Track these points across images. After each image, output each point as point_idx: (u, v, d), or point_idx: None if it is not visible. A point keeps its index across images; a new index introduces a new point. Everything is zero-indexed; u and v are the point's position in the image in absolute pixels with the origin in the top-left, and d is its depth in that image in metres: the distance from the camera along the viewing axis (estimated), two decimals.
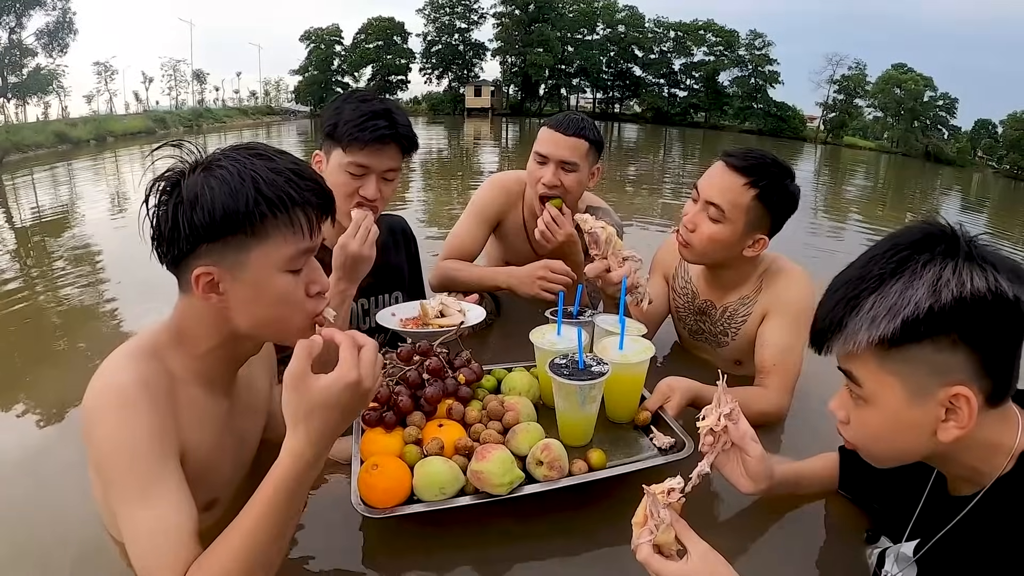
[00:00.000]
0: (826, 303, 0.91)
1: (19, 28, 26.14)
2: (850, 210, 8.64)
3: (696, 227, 1.75)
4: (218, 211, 0.95)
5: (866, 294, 0.85)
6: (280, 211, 0.99)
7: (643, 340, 1.53)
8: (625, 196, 7.65)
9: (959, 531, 0.95)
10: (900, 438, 0.90)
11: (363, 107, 1.61)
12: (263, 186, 0.97)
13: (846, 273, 0.90)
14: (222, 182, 0.96)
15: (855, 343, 0.85)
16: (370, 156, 1.62)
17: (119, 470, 0.96)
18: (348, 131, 1.59)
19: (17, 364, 2.27)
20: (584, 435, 1.41)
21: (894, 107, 49.87)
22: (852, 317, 0.85)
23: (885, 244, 0.87)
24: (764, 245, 1.76)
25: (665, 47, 60.45)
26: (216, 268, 0.99)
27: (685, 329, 2.09)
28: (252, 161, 0.99)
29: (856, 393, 0.91)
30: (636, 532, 0.95)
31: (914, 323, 0.80)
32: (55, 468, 1.52)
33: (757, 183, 1.68)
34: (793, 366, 1.74)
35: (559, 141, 2.06)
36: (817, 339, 0.93)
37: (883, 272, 0.84)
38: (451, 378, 1.44)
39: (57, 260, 3.88)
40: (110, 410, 0.97)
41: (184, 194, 0.96)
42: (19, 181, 9.08)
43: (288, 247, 1.01)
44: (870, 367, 0.86)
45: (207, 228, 0.96)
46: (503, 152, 16.33)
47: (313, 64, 59.04)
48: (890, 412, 0.88)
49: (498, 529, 1.26)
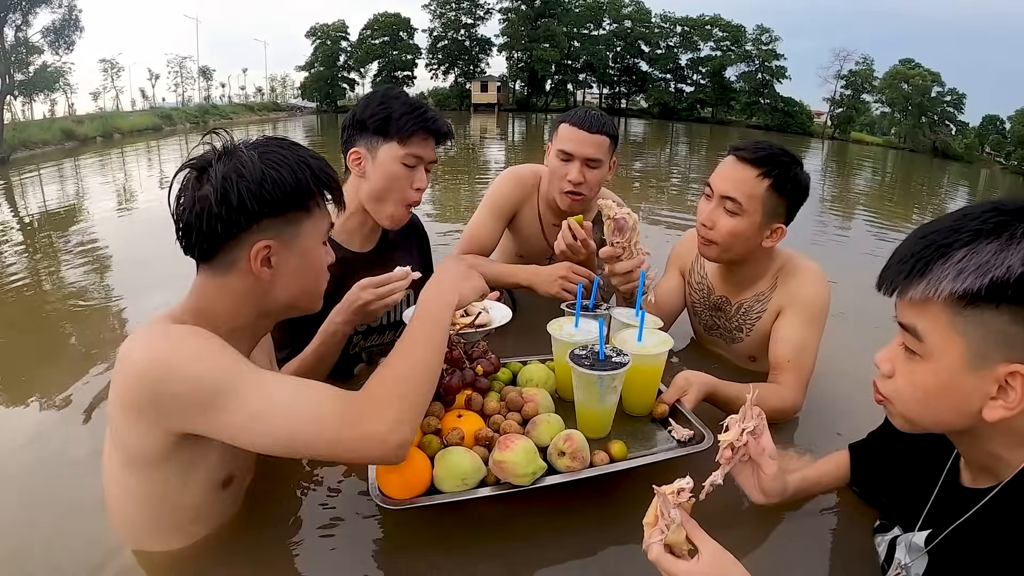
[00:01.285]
0: (911, 245, 0.89)
1: (25, 26, 26.14)
2: (857, 205, 8.60)
3: (714, 224, 1.74)
4: (289, 186, 1.07)
5: (958, 246, 0.83)
6: (326, 189, 1.15)
7: (661, 332, 1.53)
8: (632, 192, 7.64)
9: (973, 523, 0.94)
10: (944, 403, 0.89)
11: (410, 102, 1.67)
12: (314, 169, 1.12)
13: (936, 223, 0.88)
14: (283, 162, 1.08)
15: (936, 290, 0.83)
16: (425, 147, 1.69)
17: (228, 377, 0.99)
18: (409, 123, 1.63)
19: (24, 358, 2.28)
20: (603, 427, 1.41)
21: (901, 102, 49.51)
22: (939, 264, 0.84)
23: (984, 205, 0.85)
24: (782, 234, 1.76)
25: (672, 42, 60.14)
26: (275, 241, 1.08)
27: (700, 324, 2.09)
28: (294, 149, 1.13)
29: (913, 348, 0.89)
30: (647, 532, 0.95)
31: (1002, 286, 0.79)
32: (62, 463, 1.53)
33: (770, 173, 1.68)
34: (808, 363, 1.74)
35: (584, 139, 2.05)
36: (891, 276, 0.90)
37: (979, 229, 0.82)
38: (469, 369, 1.43)
39: (64, 255, 3.90)
40: (186, 340, 1.01)
41: (245, 172, 1.04)
42: (26, 178, 9.11)
43: (325, 220, 1.18)
44: (939, 322, 0.85)
45: (276, 202, 1.06)
46: (510, 147, 16.34)
47: (319, 60, 58.96)
48: (945, 373, 0.86)
49: (519, 520, 1.26)
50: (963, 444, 0.99)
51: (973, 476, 1.00)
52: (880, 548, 1.17)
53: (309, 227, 1.13)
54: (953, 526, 0.97)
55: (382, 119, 1.64)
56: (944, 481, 1.06)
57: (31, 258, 3.92)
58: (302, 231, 1.12)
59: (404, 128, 1.63)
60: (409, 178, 1.69)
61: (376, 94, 1.71)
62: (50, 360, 2.26)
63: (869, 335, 1.81)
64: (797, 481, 1.29)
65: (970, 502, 0.95)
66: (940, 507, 1.04)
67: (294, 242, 1.12)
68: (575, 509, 1.30)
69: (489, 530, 1.25)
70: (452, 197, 6.74)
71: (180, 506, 1.12)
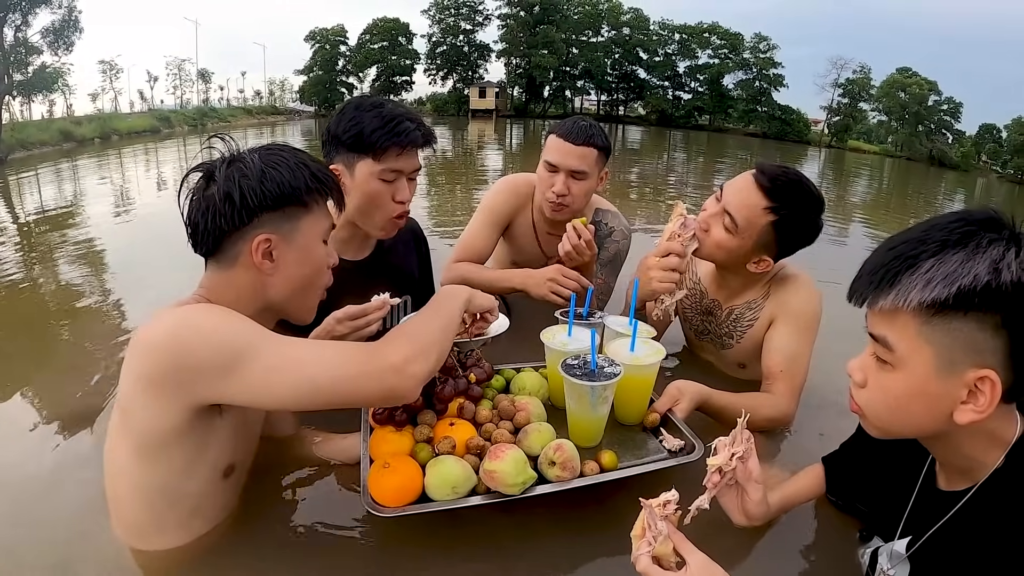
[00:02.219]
0: (880, 257, 0.90)
1: (25, 26, 26.13)
2: (854, 214, 8.62)
3: (709, 228, 1.75)
4: (286, 183, 1.15)
5: (925, 256, 0.85)
6: (324, 189, 1.21)
7: (653, 342, 1.54)
8: (629, 201, 7.64)
9: (952, 526, 0.95)
10: (916, 409, 0.90)
11: (383, 112, 1.59)
12: (313, 169, 1.20)
13: (904, 234, 0.90)
14: (283, 162, 1.17)
15: (905, 300, 0.85)
16: (403, 160, 1.62)
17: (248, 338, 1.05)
18: (380, 139, 1.57)
19: (21, 359, 2.27)
20: (595, 436, 1.41)
21: (898, 111, 49.69)
22: (907, 274, 0.85)
23: (950, 216, 0.87)
24: (768, 267, 1.75)
25: (670, 49, 60.35)
26: (275, 235, 1.15)
27: (691, 329, 2.10)
28: (293, 152, 1.21)
29: (883, 357, 0.91)
30: (635, 544, 0.96)
31: (968, 294, 0.81)
32: (61, 464, 1.52)
33: (778, 211, 1.66)
34: (800, 373, 1.75)
35: (569, 151, 2.05)
36: (860, 288, 0.92)
37: (946, 240, 0.84)
38: (462, 377, 1.44)
39: (61, 256, 3.89)
40: (205, 311, 1.08)
41: (247, 171, 1.13)
42: (24, 178, 9.09)
43: (325, 219, 1.24)
44: (908, 331, 0.86)
45: (275, 197, 1.14)
46: (507, 154, 16.35)
47: (318, 64, 59.10)
48: (916, 380, 0.88)
49: (509, 529, 1.27)
50: (937, 448, 1.01)
51: (949, 479, 1.02)
52: (863, 558, 1.18)
53: (308, 223, 1.20)
54: (932, 530, 0.98)
55: (355, 135, 1.59)
56: (921, 486, 1.07)
57: (28, 259, 3.91)
58: (300, 226, 1.19)
59: (377, 144, 1.57)
60: (389, 192, 1.64)
61: (348, 106, 1.65)
62: (47, 360, 2.25)
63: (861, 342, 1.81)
64: (777, 500, 1.30)
65: (947, 505, 0.96)
66: (918, 513, 1.05)
67: (293, 236, 1.18)
68: (565, 518, 1.30)
69: (479, 539, 1.25)
70: (448, 204, 6.74)
71: (183, 496, 1.15)
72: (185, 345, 1.01)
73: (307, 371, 1.05)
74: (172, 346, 1.01)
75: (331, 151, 1.65)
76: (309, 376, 1.05)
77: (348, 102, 1.68)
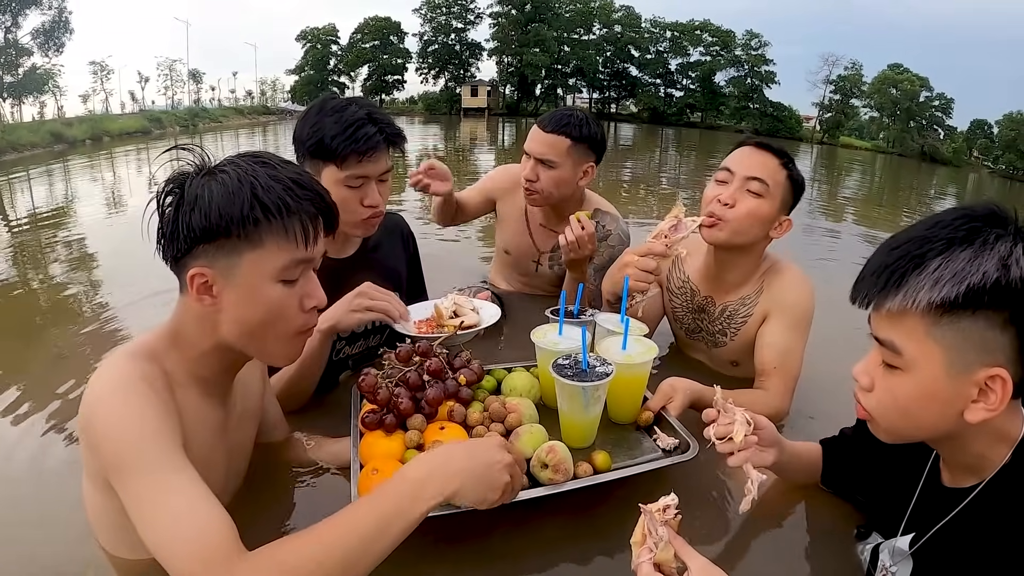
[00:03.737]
0: (884, 258, 0.88)
1: (15, 27, 26.06)
2: (846, 210, 8.64)
3: (735, 203, 1.71)
4: (214, 213, 0.97)
5: (932, 255, 0.83)
6: (274, 218, 1.00)
7: (646, 340, 1.51)
8: (621, 198, 7.63)
9: (957, 523, 0.94)
10: (926, 411, 0.89)
11: (344, 116, 1.54)
12: (260, 192, 0.99)
13: (906, 233, 0.88)
14: (222, 185, 0.98)
15: (914, 301, 0.82)
16: (367, 165, 1.56)
17: (136, 453, 0.92)
18: (339, 145, 1.52)
19: (7, 361, 2.23)
20: (587, 437, 1.39)
21: (890, 107, 50.03)
22: (915, 274, 0.83)
23: (954, 212, 0.86)
24: (789, 226, 1.77)
25: (661, 47, 60.58)
26: (210, 270, 1.00)
27: (682, 329, 2.08)
28: (254, 168, 1.01)
29: (891, 361, 0.89)
30: (635, 551, 0.94)
31: (978, 292, 0.79)
32: (47, 468, 1.50)
33: (787, 164, 1.73)
34: (794, 369, 1.74)
35: (537, 137, 2.11)
36: (865, 289, 0.90)
37: (952, 237, 0.82)
38: (452, 379, 1.41)
39: (51, 258, 3.86)
40: (115, 396, 0.96)
41: (186, 196, 0.99)
42: (14, 180, 9.02)
43: (282, 256, 1.02)
44: (916, 333, 0.84)
45: (203, 230, 0.98)
46: (499, 152, 16.33)
47: (309, 64, 59.09)
48: (925, 383, 0.86)
49: (501, 533, 1.24)
50: (944, 447, 0.99)
51: (954, 476, 1.00)
52: (863, 556, 1.17)
53: (253, 260, 1.01)
54: (937, 527, 0.97)
55: (316, 143, 1.53)
56: (924, 483, 1.06)
57: (17, 260, 3.88)
58: (241, 263, 1.01)
59: (338, 152, 1.52)
60: (357, 197, 1.59)
61: (311, 110, 1.60)
62: (35, 363, 2.22)
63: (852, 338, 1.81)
64: (788, 448, 1.30)
65: (952, 502, 0.95)
66: (922, 509, 1.04)
67: (232, 273, 1.01)
68: (559, 521, 1.28)
69: (471, 544, 1.22)
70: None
71: None
72: (86, 425, 0.97)
73: (156, 538, 0.89)
74: (82, 415, 0.97)
75: (299, 156, 1.61)
76: (153, 544, 0.89)
77: (312, 104, 1.63)
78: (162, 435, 0.95)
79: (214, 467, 1.13)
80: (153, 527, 0.89)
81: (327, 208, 1.08)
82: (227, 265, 1.01)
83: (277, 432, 1.48)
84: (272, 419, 1.46)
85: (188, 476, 0.94)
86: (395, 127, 1.62)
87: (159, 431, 0.95)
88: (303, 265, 1.06)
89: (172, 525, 0.89)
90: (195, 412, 1.08)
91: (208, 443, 1.11)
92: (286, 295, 1.05)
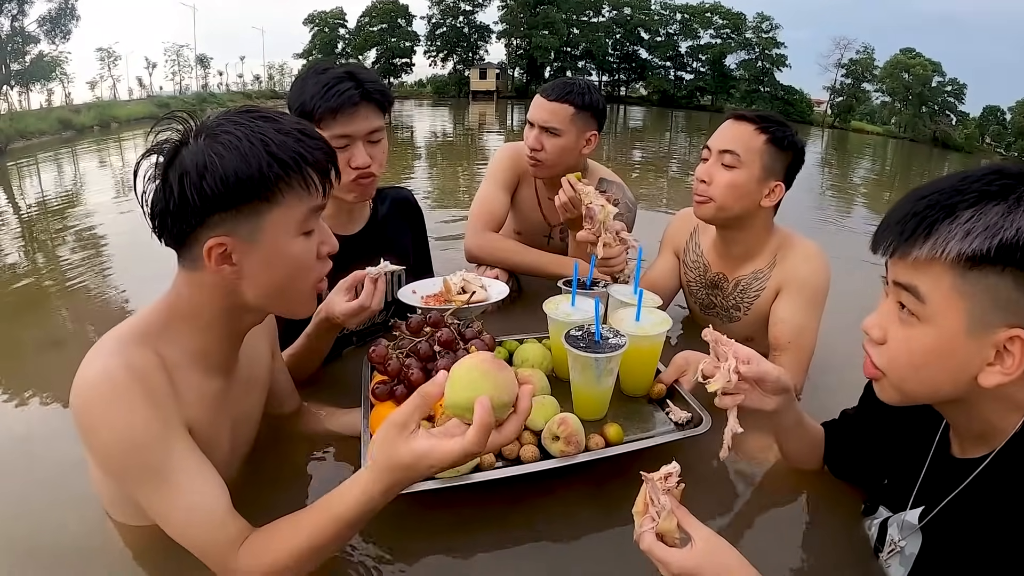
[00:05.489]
0: (911, 206, 0.86)
1: (21, 15, 26.04)
2: (857, 195, 8.56)
3: (711, 178, 1.73)
4: (231, 178, 0.92)
5: (964, 206, 0.80)
6: (294, 172, 0.96)
7: (659, 312, 1.50)
8: (631, 180, 7.59)
9: (968, 494, 0.93)
10: (940, 369, 0.86)
11: (324, 77, 1.53)
12: (275, 148, 0.94)
13: (933, 184, 0.86)
14: (230, 148, 0.92)
15: (944, 251, 0.80)
16: (347, 123, 1.54)
17: (127, 464, 0.95)
18: (316, 104, 1.50)
19: (21, 348, 2.23)
20: (600, 409, 1.38)
21: (902, 92, 49.35)
22: (946, 223, 0.81)
23: (983, 169, 0.84)
24: (782, 192, 1.74)
25: (671, 29, 59.90)
26: (230, 238, 0.96)
27: (696, 304, 2.06)
28: (258, 124, 0.96)
29: (912, 308, 0.86)
30: (638, 521, 0.92)
31: (1010, 248, 0.77)
32: (58, 450, 1.48)
33: (767, 128, 1.69)
34: (808, 344, 1.72)
35: (541, 105, 2.10)
36: (890, 236, 0.87)
37: (984, 191, 0.80)
38: (463, 350, 1.40)
39: (61, 244, 3.85)
40: (101, 404, 0.93)
41: (188, 165, 0.92)
42: (23, 167, 9.04)
43: (302, 207, 1.00)
44: (942, 283, 0.82)
45: (221, 197, 0.92)
46: (509, 134, 16.26)
47: (317, 48, 58.75)
48: (944, 337, 0.84)
49: (511, 504, 1.24)
50: (954, 414, 0.97)
51: (964, 446, 0.99)
52: (871, 531, 1.16)
53: (275, 219, 0.97)
54: (948, 499, 0.95)
55: (299, 106, 1.53)
56: (934, 454, 1.04)
57: (27, 248, 3.88)
58: (264, 225, 0.97)
59: (315, 111, 1.50)
60: (344, 158, 1.56)
61: (299, 75, 1.60)
62: (46, 348, 2.22)
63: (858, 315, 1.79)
64: (797, 410, 1.26)
65: (963, 473, 0.93)
66: (932, 481, 1.02)
67: (256, 237, 0.97)
68: (571, 492, 1.27)
69: (482, 515, 1.22)
70: (451, 184, 6.69)
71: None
72: (83, 433, 0.95)
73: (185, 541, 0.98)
74: (76, 423, 0.94)
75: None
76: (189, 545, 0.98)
77: (303, 68, 1.63)
78: (157, 440, 0.95)
79: (218, 438, 1.12)
80: (166, 524, 0.98)
81: (333, 152, 1.05)
82: (249, 230, 0.97)
83: (288, 403, 1.47)
84: (283, 390, 1.45)
85: (185, 470, 0.97)
86: (378, 84, 1.59)
87: (154, 437, 0.95)
88: (318, 212, 1.04)
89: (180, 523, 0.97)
90: (195, 389, 1.06)
91: (209, 417, 1.09)
92: (307, 247, 1.03)
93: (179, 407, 1.01)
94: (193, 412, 1.04)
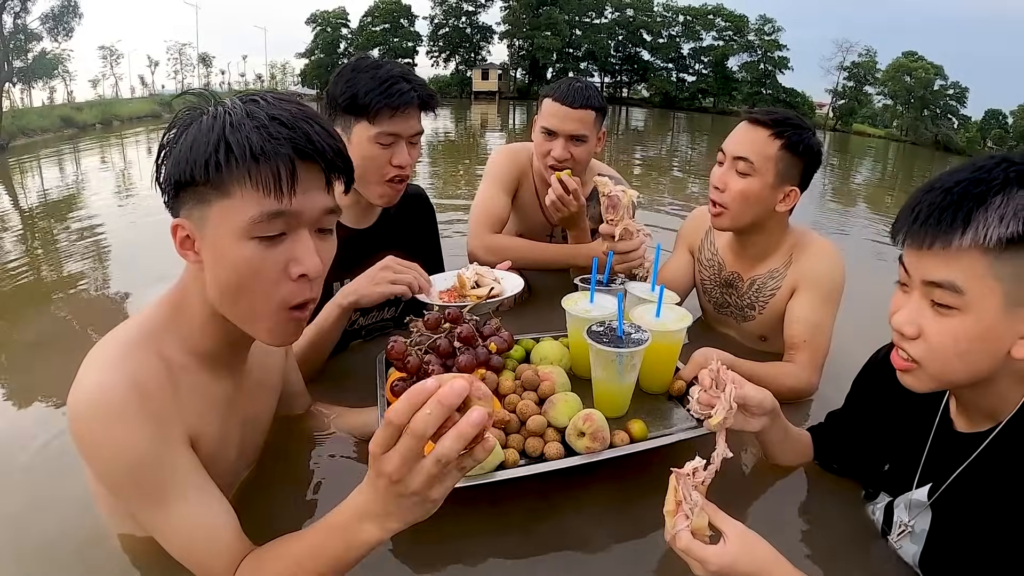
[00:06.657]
0: (938, 197, 0.86)
1: (24, 13, 26.00)
2: (858, 198, 8.55)
3: (726, 186, 1.72)
4: (183, 156, 0.87)
5: (992, 193, 0.82)
6: (237, 161, 0.85)
7: (678, 308, 1.49)
8: (633, 180, 7.57)
9: (977, 467, 0.94)
10: (983, 351, 0.87)
11: (380, 73, 1.54)
12: (227, 132, 0.86)
13: (950, 176, 0.88)
14: (198, 127, 0.88)
15: (984, 237, 0.81)
16: (399, 122, 1.56)
17: (127, 483, 0.91)
18: (373, 100, 1.52)
19: (21, 348, 2.21)
20: (622, 406, 1.36)
21: (904, 95, 49.30)
22: (981, 211, 0.82)
23: (991, 159, 0.86)
24: (796, 197, 1.73)
25: (674, 31, 60.02)
26: (187, 222, 0.91)
27: (710, 303, 2.05)
28: (238, 105, 0.89)
29: (949, 303, 0.86)
30: (669, 521, 0.92)
31: None
32: (58, 451, 1.47)
33: (782, 133, 1.66)
34: (823, 343, 1.71)
35: (567, 115, 2.02)
36: (926, 230, 0.86)
37: (1006, 177, 0.82)
38: (482, 347, 1.38)
39: (62, 242, 3.85)
40: (101, 423, 0.87)
41: (170, 137, 0.92)
42: (25, 164, 9.04)
43: (249, 208, 0.87)
44: (977, 270, 0.83)
45: (172, 176, 0.89)
46: (511, 135, 16.27)
47: (319, 47, 58.80)
48: (985, 321, 0.85)
49: (535, 502, 1.23)
50: (970, 391, 0.97)
51: (969, 421, 1.00)
52: (876, 516, 1.16)
53: (221, 211, 0.88)
54: (956, 473, 0.97)
55: (349, 98, 1.54)
56: (937, 431, 1.05)
57: (29, 245, 3.87)
58: (208, 214, 0.88)
59: (371, 106, 1.52)
60: (386, 156, 1.58)
61: (345, 68, 1.60)
62: (47, 347, 2.20)
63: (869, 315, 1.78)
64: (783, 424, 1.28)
65: (969, 448, 0.95)
66: (937, 458, 1.03)
67: (202, 226, 0.90)
68: (596, 489, 1.26)
69: (506, 512, 1.21)
70: (451, 184, 6.68)
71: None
72: (81, 447, 0.90)
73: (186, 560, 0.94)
74: (74, 434, 0.89)
75: (330, 114, 1.60)
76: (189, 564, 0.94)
77: (347, 63, 1.63)
78: (157, 460, 0.90)
79: (226, 442, 1.09)
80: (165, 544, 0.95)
81: (316, 151, 0.89)
82: (200, 217, 0.89)
83: (299, 404, 1.45)
84: (294, 391, 1.42)
85: (186, 490, 0.93)
86: (427, 88, 1.61)
87: (155, 457, 0.90)
88: (281, 219, 0.89)
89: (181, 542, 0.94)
90: (202, 392, 1.02)
91: (217, 420, 1.05)
92: (261, 256, 0.89)
93: (183, 416, 0.96)
94: (200, 417, 1.00)
